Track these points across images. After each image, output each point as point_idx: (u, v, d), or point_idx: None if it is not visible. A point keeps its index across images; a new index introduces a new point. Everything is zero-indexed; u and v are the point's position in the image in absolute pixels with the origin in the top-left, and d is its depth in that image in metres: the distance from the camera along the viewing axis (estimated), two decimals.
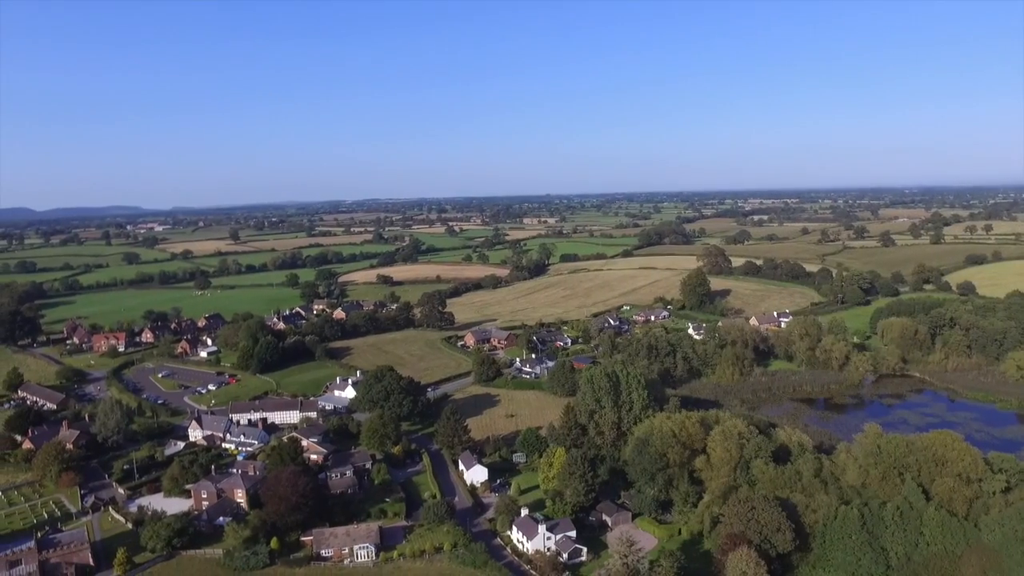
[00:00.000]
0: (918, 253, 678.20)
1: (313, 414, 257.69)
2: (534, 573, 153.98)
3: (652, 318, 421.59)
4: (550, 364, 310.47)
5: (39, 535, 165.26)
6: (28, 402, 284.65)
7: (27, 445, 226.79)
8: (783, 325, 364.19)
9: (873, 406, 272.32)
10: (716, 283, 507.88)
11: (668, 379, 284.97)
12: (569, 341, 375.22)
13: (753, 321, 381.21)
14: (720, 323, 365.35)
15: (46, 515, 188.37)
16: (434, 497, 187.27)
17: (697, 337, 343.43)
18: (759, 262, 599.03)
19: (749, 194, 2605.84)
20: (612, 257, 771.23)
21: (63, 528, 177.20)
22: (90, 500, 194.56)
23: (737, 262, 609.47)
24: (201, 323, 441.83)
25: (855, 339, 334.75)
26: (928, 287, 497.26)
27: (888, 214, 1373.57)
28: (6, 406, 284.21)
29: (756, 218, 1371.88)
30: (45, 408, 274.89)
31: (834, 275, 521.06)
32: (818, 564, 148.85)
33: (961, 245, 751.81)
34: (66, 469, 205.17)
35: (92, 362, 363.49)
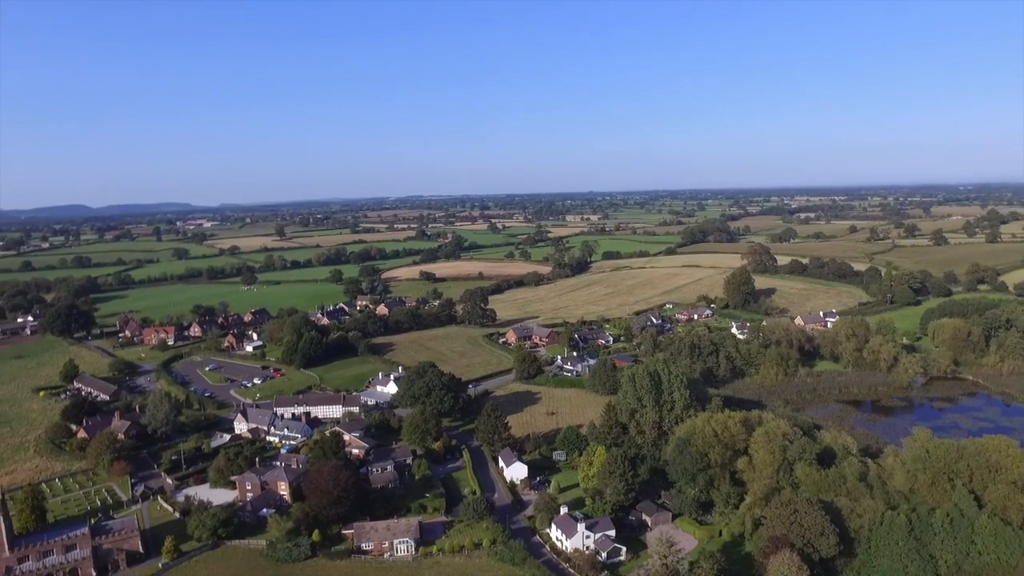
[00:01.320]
0: (972, 252, 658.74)
1: (355, 409, 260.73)
2: (572, 571, 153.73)
3: (695, 317, 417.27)
4: (591, 362, 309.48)
5: (92, 522, 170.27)
6: (83, 393, 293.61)
7: (81, 434, 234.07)
8: (829, 325, 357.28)
9: (923, 409, 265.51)
10: (761, 282, 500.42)
11: (711, 379, 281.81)
12: (611, 339, 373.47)
13: (798, 321, 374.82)
14: (764, 322, 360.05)
15: (99, 502, 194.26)
16: (474, 493, 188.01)
17: (741, 336, 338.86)
18: (805, 261, 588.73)
19: (796, 191, 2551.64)
20: (655, 255, 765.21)
21: (114, 516, 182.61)
22: (140, 489, 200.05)
23: (782, 261, 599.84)
24: (247, 318, 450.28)
25: (904, 340, 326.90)
26: (983, 287, 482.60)
27: (941, 212, 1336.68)
28: (63, 396, 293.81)
29: (803, 216, 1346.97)
30: (98, 399, 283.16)
31: (883, 274, 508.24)
32: (863, 570, 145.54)
33: (1019, 244, 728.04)
34: (118, 458, 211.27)
35: (143, 355, 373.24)
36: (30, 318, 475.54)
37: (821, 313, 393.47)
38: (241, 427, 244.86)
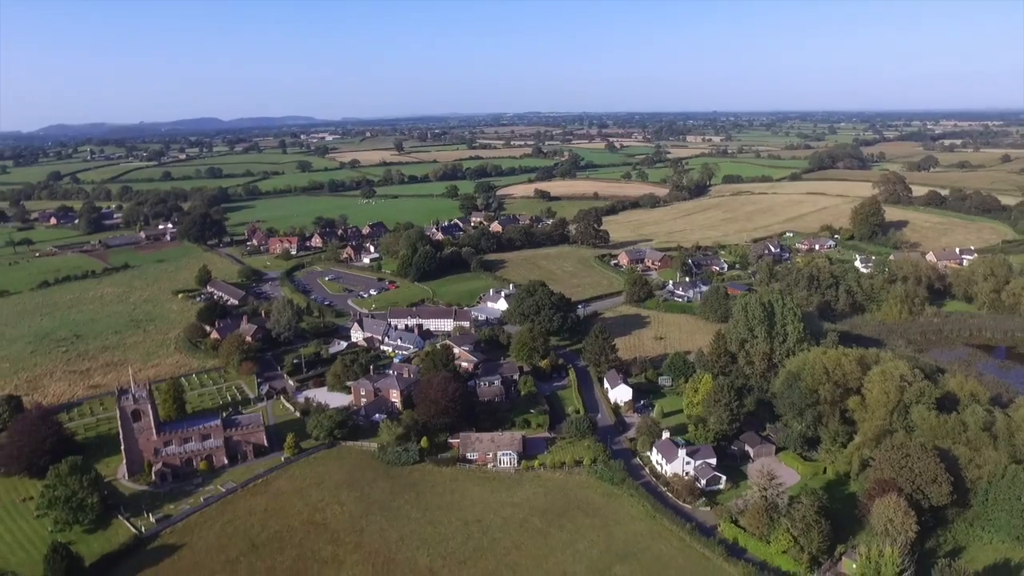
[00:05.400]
0: None
1: (466, 323, 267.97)
2: (670, 495, 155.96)
3: (816, 247, 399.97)
4: (704, 288, 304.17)
5: (224, 415, 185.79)
6: (215, 297, 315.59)
7: (214, 335, 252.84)
8: (965, 263, 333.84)
9: None
10: (892, 213, 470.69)
11: (827, 313, 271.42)
12: (725, 266, 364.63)
13: (930, 257, 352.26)
14: (892, 257, 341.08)
15: (229, 398, 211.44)
16: (577, 412, 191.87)
17: (864, 270, 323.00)
18: (944, 192, 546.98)
19: (941, 115, 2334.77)
20: (778, 180, 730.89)
21: (243, 411, 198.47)
22: (265, 388, 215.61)
23: (919, 191, 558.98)
24: (365, 230, 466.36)
25: None
26: None
27: None
28: (198, 299, 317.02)
29: (947, 142, 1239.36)
30: (228, 303, 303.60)
31: None
32: (976, 522, 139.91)
33: None
34: (245, 359, 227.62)
35: (268, 263, 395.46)
36: (170, 225, 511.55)
37: (957, 250, 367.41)
38: (357, 336, 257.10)
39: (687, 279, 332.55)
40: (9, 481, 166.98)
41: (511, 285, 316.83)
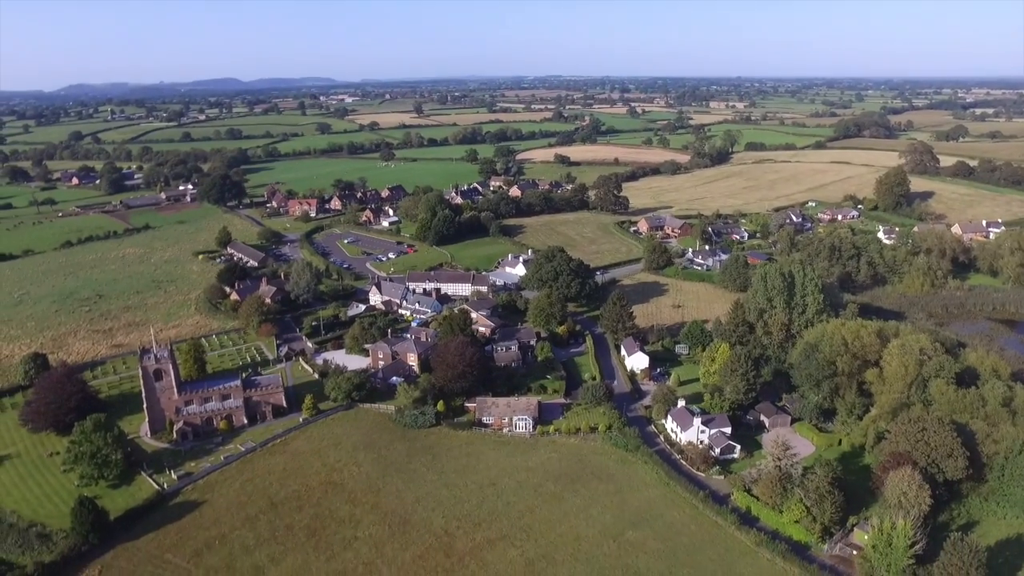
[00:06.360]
0: None
1: (483, 288, 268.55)
2: (684, 463, 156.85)
3: (839, 217, 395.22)
4: (723, 257, 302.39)
5: (244, 376, 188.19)
6: (235, 258, 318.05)
7: (234, 297, 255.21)
8: (992, 236, 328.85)
9: None
10: (917, 184, 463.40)
11: (848, 284, 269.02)
12: (746, 235, 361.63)
13: (956, 229, 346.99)
14: (916, 228, 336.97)
15: (248, 359, 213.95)
16: (594, 379, 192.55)
17: (887, 242, 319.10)
18: (973, 163, 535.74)
19: (974, 83, 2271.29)
20: (802, 148, 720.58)
21: (262, 372, 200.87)
22: (284, 350, 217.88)
23: (947, 162, 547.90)
24: (384, 194, 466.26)
25: None
26: None
27: None
28: (218, 260, 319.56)
29: (978, 111, 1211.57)
30: (248, 264, 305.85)
31: None
32: (991, 497, 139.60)
33: None
34: (265, 321, 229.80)
35: (287, 225, 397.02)
36: (190, 186, 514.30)
37: (984, 222, 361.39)
38: (375, 299, 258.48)
39: (707, 247, 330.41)
40: (36, 437, 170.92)
41: (529, 250, 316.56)
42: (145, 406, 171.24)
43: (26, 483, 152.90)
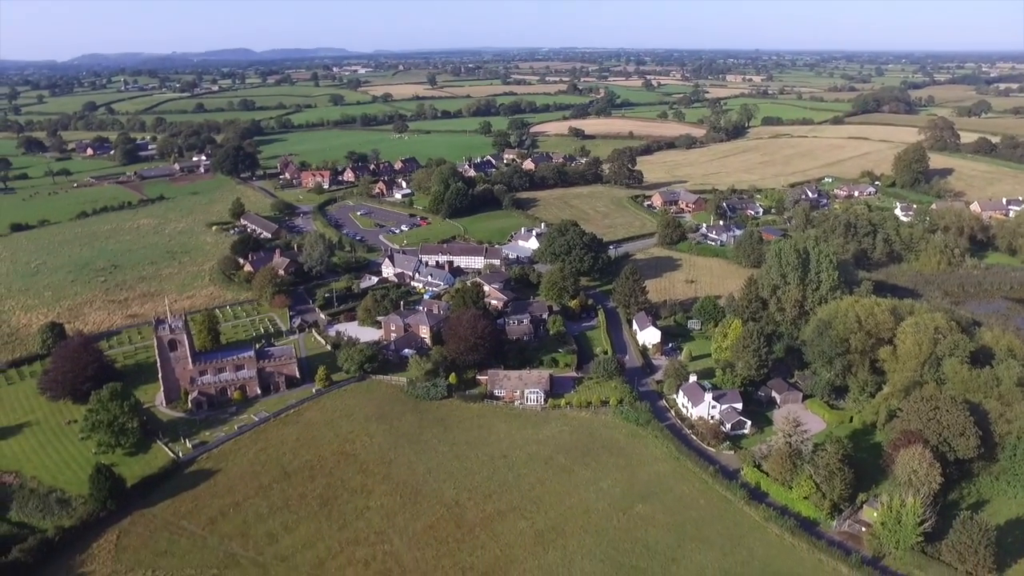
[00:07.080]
0: None
1: (496, 261, 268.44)
2: (694, 438, 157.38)
3: (856, 194, 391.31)
4: (737, 232, 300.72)
5: (257, 347, 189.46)
6: (248, 230, 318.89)
7: (247, 268, 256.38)
8: (1012, 214, 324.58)
9: None
10: (937, 160, 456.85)
11: (863, 261, 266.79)
12: (760, 210, 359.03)
13: (975, 207, 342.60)
14: (934, 205, 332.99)
15: (262, 330, 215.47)
16: (605, 353, 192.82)
17: (904, 219, 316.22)
18: (995, 139, 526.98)
19: (999, 56, 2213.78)
20: (820, 123, 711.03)
21: (275, 343, 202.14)
22: (297, 321, 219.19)
23: (968, 138, 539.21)
24: (397, 166, 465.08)
25: None
26: None
27: None
28: (231, 232, 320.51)
29: (1002, 86, 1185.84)
30: (262, 236, 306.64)
31: None
32: (1002, 476, 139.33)
33: None
34: (278, 292, 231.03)
35: (300, 197, 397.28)
36: (203, 157, 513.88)
37: (1004, 200, 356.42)
38: (388, 271, 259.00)
39: (721, 222, 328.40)
40: (55, 405, 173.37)
41: (543, 224, 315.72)
42: (160, 376, 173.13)
43: (45, 450, 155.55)
